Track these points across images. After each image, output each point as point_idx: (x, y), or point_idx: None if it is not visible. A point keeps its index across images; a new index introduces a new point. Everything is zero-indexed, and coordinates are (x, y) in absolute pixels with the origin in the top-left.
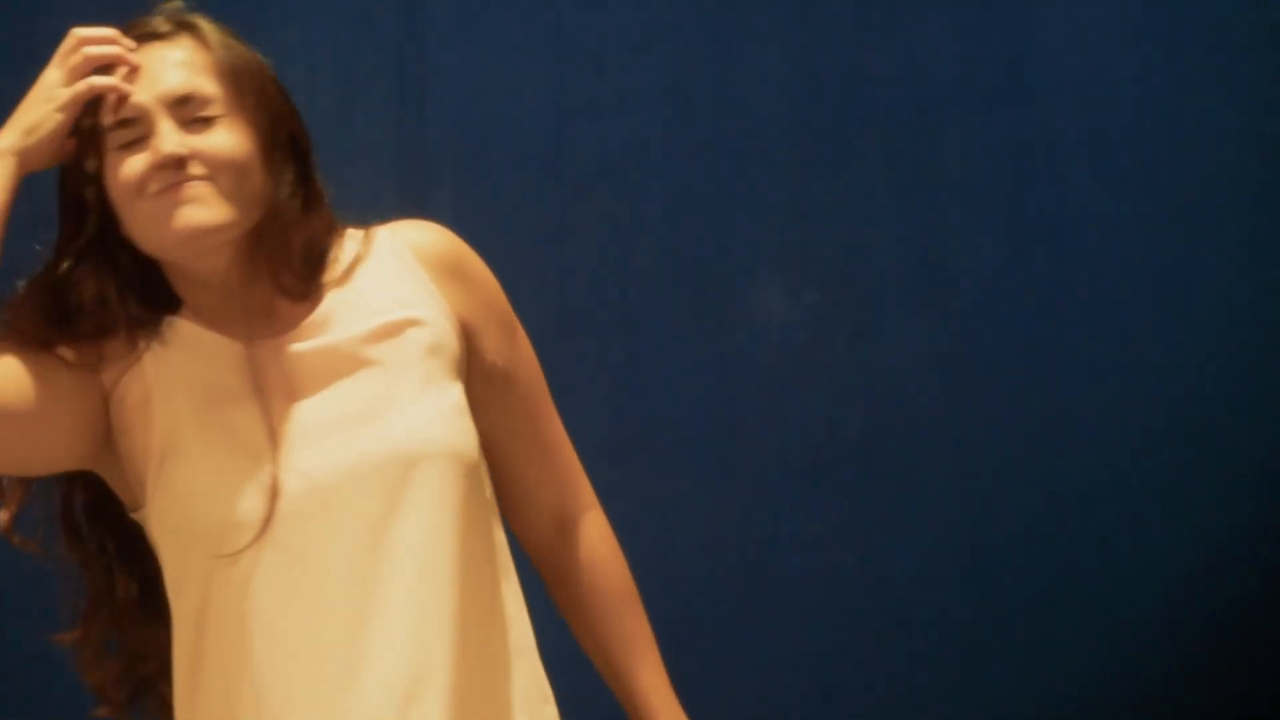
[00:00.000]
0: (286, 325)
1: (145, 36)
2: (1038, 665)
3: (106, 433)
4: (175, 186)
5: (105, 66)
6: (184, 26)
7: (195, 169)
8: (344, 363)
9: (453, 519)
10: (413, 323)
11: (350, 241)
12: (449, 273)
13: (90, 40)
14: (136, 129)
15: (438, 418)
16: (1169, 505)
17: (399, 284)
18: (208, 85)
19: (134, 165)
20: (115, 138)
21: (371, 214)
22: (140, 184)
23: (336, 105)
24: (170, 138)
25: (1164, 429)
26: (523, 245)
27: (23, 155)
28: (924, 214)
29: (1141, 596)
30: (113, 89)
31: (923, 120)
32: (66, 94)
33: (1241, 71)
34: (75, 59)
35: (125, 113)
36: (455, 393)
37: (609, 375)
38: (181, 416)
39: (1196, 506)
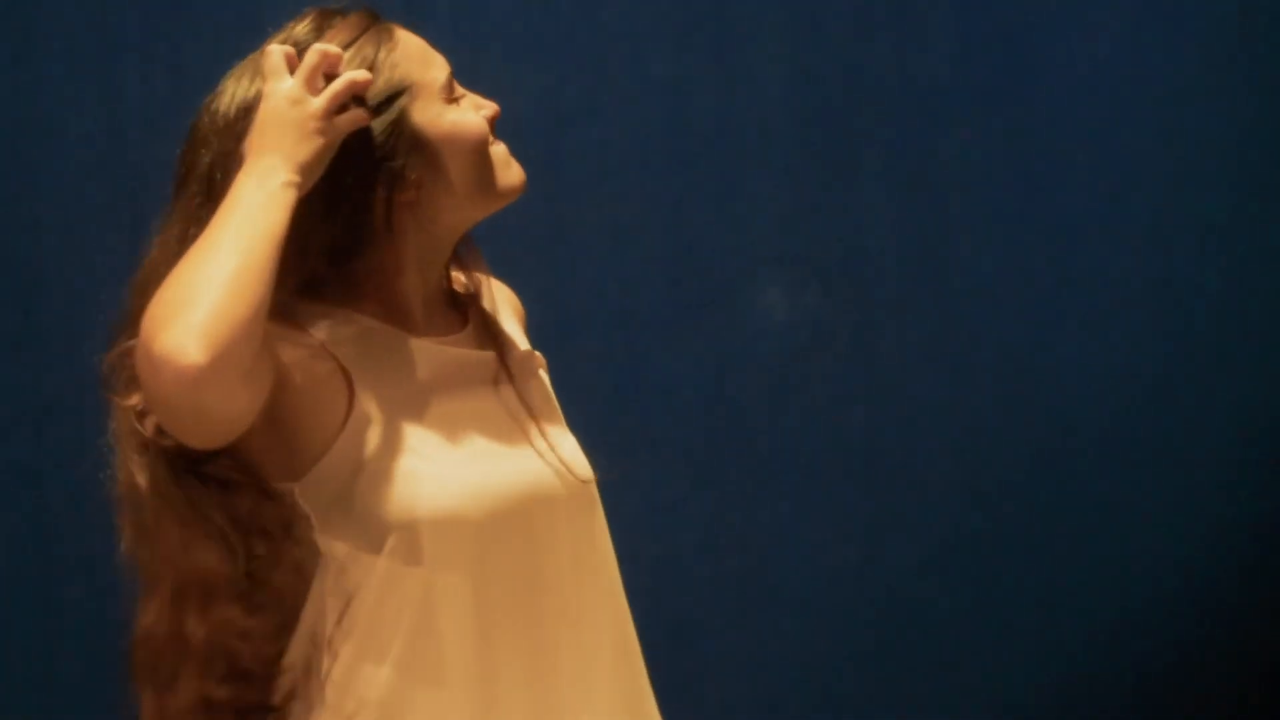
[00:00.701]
0: (454, 329)
1: (378, 18)
2: (1039, 664)
3: (273, 403)
4: (499, 140)
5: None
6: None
7: None
8: (527, 370)
9: (606, 549)
10: (543, 360)
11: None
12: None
13: (334, 59)
14: (454, 90)
15: (579, 452)
16: (1170, 503)
17: (517, 330)
18: None
19: (476, 114)
20: (442, 93)
21: None
22: (488, 132)
23: None
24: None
25: (1164, 427)
26: (523, 245)
27: (301, 189)
28: (924, 214)
29: (1143, 593)
30: (367, 120)
31: (923, 120)
32: (334, 130)
33: (1241, 70)
34: (339, 87)
35: (452, 74)
36: None
37: (609, 375)
38: (392, 404)
39: (1199, 504)
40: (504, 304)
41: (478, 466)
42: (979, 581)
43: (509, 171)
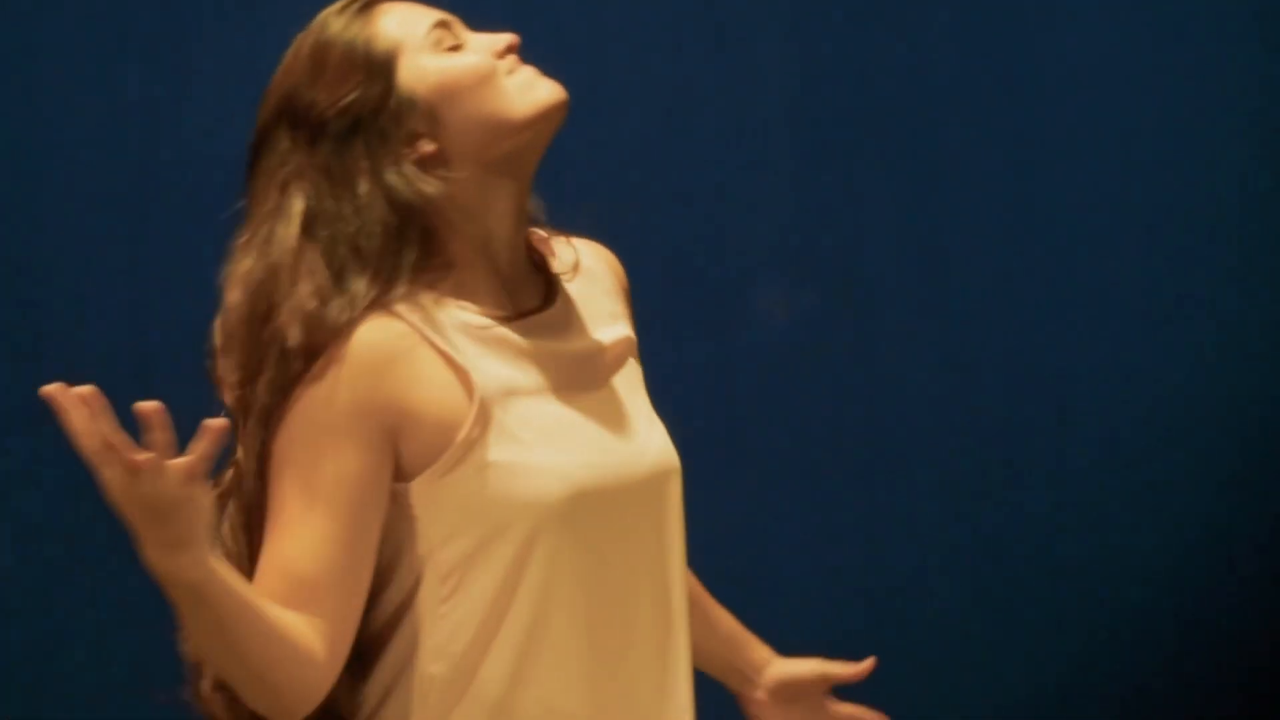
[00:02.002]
0: (540, 305)
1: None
2: (1039, 664)
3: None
4: (526, 66)
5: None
6: None
7: None
8: (612, 363)
9: (684, 536)
10: (634, 342)
11: (556, 241)
12: (629, 309)
13: (112, 440)
14: (452, 38)
15: (668, 439)
16: (1170, 502)
17: (614, 301)
18: None
19: (477, 53)
20: (428, 46)
21: None
22: (494, 65)
23: None
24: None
25: (1164, 427)
26: None
27: (213, 553)
28: (924, 214)
29: (1144, 594)
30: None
31: (923, 120)
32: (170, 493)
33: (1242, 70)
34: (206, 449)
35: (439, 23)
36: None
37: None
38: (502, 399)
39: (1198, 504)
40: (602, 274)
41: (583, 457)
42: (979, 581)
43: (531, 94)
